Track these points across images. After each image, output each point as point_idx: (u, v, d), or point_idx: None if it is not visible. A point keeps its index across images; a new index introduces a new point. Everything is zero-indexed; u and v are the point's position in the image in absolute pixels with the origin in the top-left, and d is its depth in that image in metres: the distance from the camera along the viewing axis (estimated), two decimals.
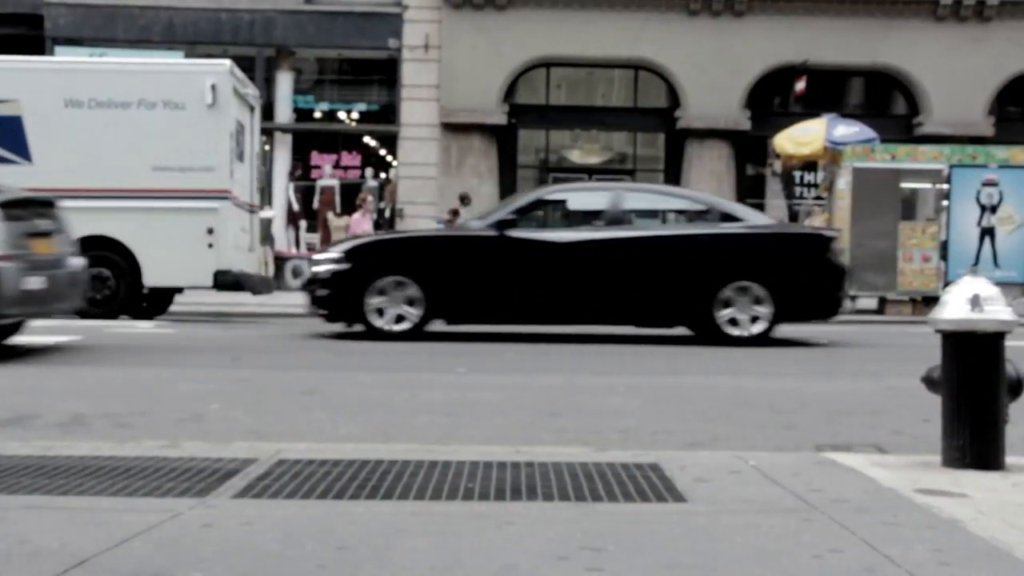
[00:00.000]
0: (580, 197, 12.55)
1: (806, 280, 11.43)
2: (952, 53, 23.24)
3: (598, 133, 25.26)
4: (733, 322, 11.16)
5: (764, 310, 11.15)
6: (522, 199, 12.28)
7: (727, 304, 11.15)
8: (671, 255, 11.35)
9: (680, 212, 12.52)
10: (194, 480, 3.92)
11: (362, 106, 24.69)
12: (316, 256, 11.58)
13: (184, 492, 3.72)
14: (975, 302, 4.14)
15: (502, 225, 11.33)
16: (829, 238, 11.95)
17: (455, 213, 20.37)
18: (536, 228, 11.74)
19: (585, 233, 11.59)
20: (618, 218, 11.55)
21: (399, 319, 11.06)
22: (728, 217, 11.70)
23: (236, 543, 3.08)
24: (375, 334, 10.99)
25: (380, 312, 11.04)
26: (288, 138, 24.37)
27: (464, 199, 20.93)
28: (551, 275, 11.29)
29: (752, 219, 11.96)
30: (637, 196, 12.49)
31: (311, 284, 11.49)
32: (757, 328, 11.16)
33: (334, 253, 11.54)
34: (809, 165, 22.19)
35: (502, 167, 23.70)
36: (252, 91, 16.15)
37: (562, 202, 12.41)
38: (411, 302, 11.05)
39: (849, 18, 23.33)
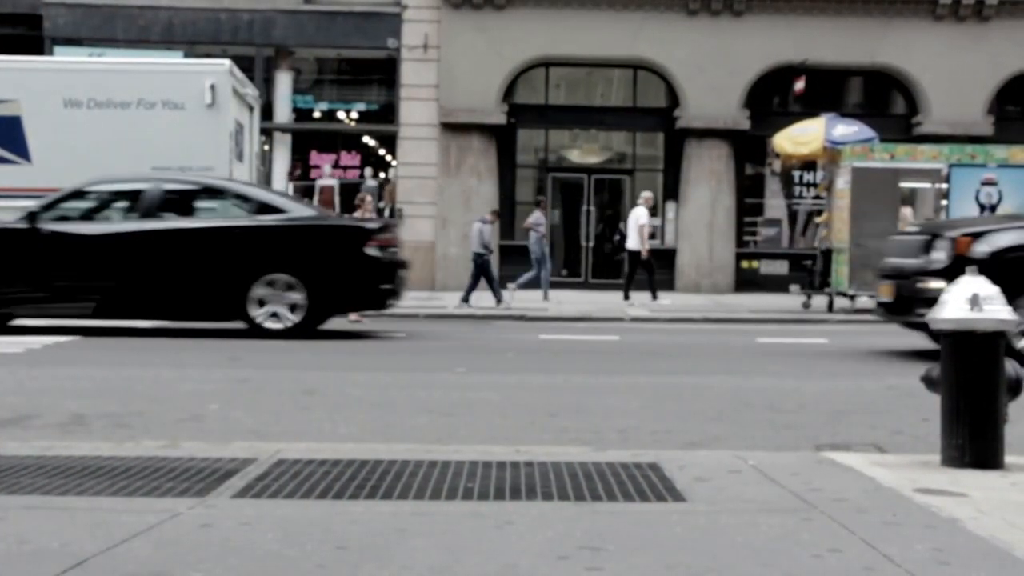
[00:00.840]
0: (118, 189, 12.17)
1: (341, 273, 11.11)
2: (951, 52, 23.22)
3: (597, 133, 25.21)
4: (271, 315, 10.92)
5: (300, 302, 10.92)
6: (60, 192, 11.67)
7: (262, 298, 10.92)
8: (201, 248, 11.06)
9: (219, 204, 12.08)
10: (193, 480, 3.92)
11: (361, 106, 24.66)
12: None
13: (183, 492, 3.72)
14: (974, 302, 4.14)
15: (33, 217, 11.09)
16: (369, 231, 11.44)
17: (497, 214, 20.27)
18: (69, 221, 11.32)
19: (115, 226, 11.38)
20: (153, 210, 11.25)
21: None
22: (270, 209, 11.36)
23: (236, 543, 3.08)
24: None
25: None
26: (287, 138, 24.34)
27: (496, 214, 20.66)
28: (80, 269, 10.99)
29: (293, 211, 11.56)
30: (175, 188, 11.84)
31: None
32: (291, 321, 10.91)
33: None
34: (808, 165, 22.16)
35: (501, 167, 23.65)
36: (251, 91, 16.15)
37: (101, 194, 11.98)
38: None
39: (848, 18, 23.31)
